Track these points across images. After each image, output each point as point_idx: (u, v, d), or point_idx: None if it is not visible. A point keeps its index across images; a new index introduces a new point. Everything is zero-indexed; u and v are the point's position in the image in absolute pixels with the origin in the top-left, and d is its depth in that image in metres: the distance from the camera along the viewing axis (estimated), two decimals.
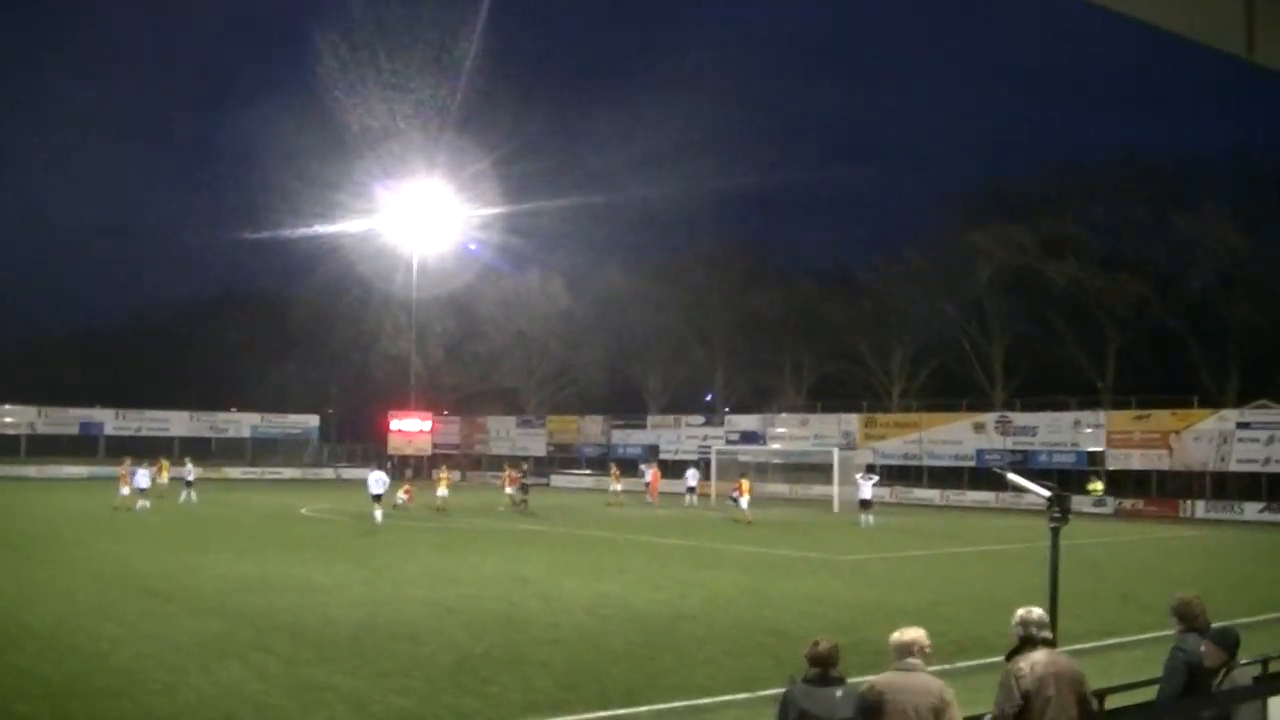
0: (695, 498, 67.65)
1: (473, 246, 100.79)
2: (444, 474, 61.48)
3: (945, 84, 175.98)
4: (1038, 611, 9.35)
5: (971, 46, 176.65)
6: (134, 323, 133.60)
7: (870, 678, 9.02)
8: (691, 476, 67.52)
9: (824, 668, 8.79)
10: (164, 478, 65.59)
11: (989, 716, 9.24)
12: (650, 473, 70.28)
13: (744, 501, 55.54)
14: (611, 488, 68.41)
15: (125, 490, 55.49)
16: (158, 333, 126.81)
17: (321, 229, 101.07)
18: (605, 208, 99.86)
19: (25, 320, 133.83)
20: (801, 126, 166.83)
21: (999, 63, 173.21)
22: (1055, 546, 10.89)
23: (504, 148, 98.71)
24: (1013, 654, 9.24)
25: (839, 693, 8.74)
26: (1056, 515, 10.73)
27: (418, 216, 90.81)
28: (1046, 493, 10.89)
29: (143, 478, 51.85)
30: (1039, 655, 9.10)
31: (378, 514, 48.68)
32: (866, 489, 51.70)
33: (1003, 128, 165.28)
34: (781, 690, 9.20)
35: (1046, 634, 9.28)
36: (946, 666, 18.40)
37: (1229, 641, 10.77)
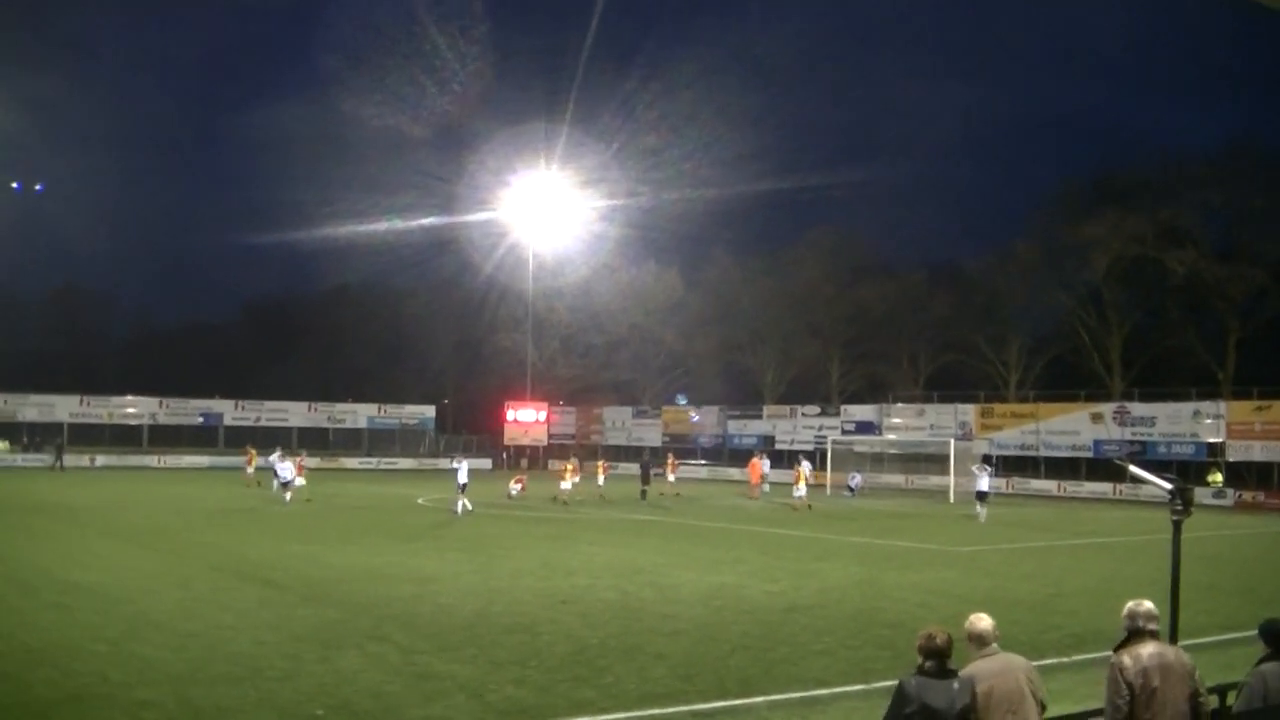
0: (772, 486, 65.98)
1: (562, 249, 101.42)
2: (569, 465, 61.53)
3: (1054, 74, 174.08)
4: (1147, 604, 9.31)
5: (1081, 35, 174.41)
6: (252, 316, 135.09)
7: (966, 669, 8.98)
8: (806, 467, 66.22)
9: (940, 659, 8.76)
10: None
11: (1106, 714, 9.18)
12: (756, 464, 69.04)
13: (800, 490, 56.06)
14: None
15: (250, 470, 57.69)
16: (276, 326, 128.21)
17: (438, 221, 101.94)
18: (718, 200, 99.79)
19: (148, 315, 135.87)
20: (912, 120, 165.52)
21: (1109, 52, 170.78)
22: (1177, 540, 10.72)
23: (621, 140, 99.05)
24: (1120, 646, 9.21)
25: (955, 684, 8.71)
26: (1179, 508, 10.55)
27: (535, 209, 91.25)
28: (1168, 485, 10.72)
29: (286, 470, 51.63)
30: (1147, 648, 9.07)
31: (459, 504, 48.68)
32: (984, 480, 50.97)
33: (1114, 117, 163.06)
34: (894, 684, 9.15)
35: (1154, 626, 9.24)
36: (1064, 660, 18.37)
37: None
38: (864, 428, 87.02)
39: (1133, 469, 12.27)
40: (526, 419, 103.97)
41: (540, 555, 33.59)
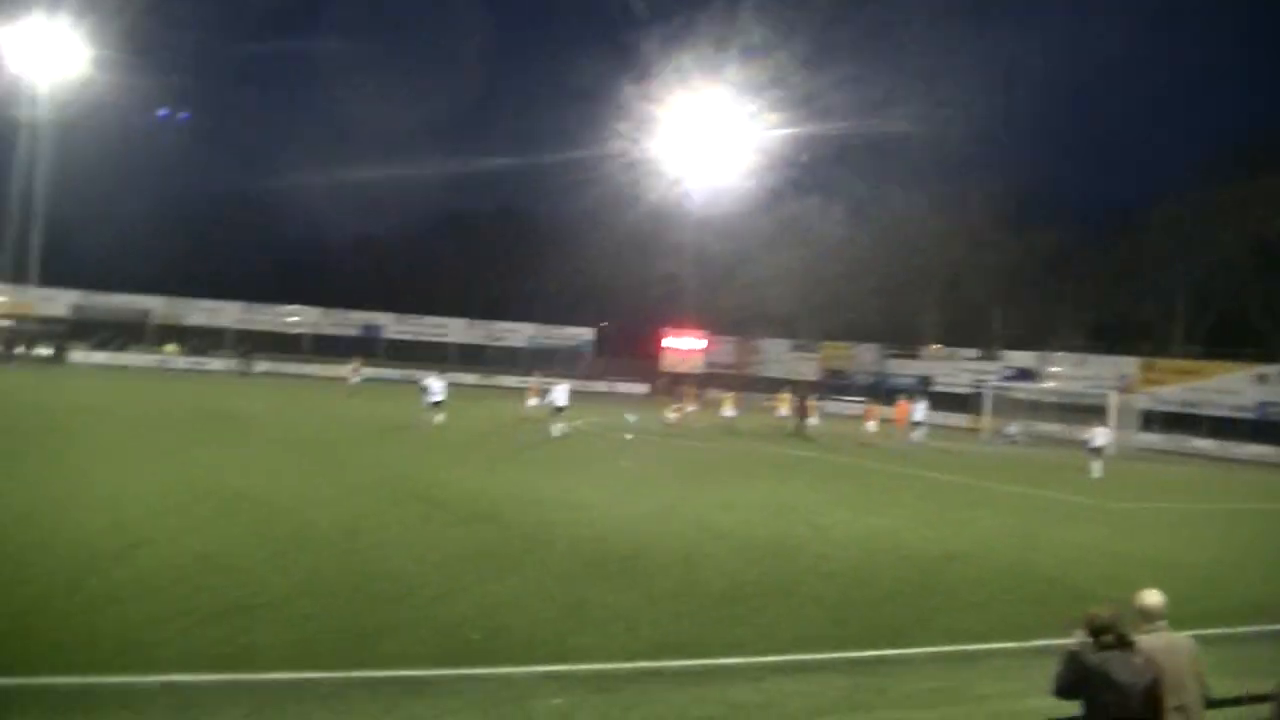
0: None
1: (688, 193, 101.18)
2: (731, 395, 61.94)
3: (1238, 17, 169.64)
4: None
5: None
6: (417, 232, 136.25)
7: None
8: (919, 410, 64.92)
9: (1118, 632, 8.78)
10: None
11: None
12: (896, 406, 68.20)
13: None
14: (351, 379, 66.79)
15: (355, 379, 63.77)
16: (440, 244, 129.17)
17: (603, 147, 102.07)
18: (885, 137, 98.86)
19: (312, 225, 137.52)
20: (1091, 62, 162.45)
21: None
22: None
23: (790, 71, 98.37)
24: None
25: (1138, 658, 8.74)
26: None
27: (701, 137, 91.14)
28: None
29: (437, 389, 50.81)
30: None
31: (556, 428, 48.58)
32: (1101, 436, 49.86)
33: None
34: (1050, 644, 9.19)
35: None
36: (1219, 631, 18.09)
37: None
38: (1023, 375, 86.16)
39: None
40: (684, 347, 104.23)
41: (696, 487, 33.65)
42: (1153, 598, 9.24)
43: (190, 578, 16.99)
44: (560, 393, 50.02)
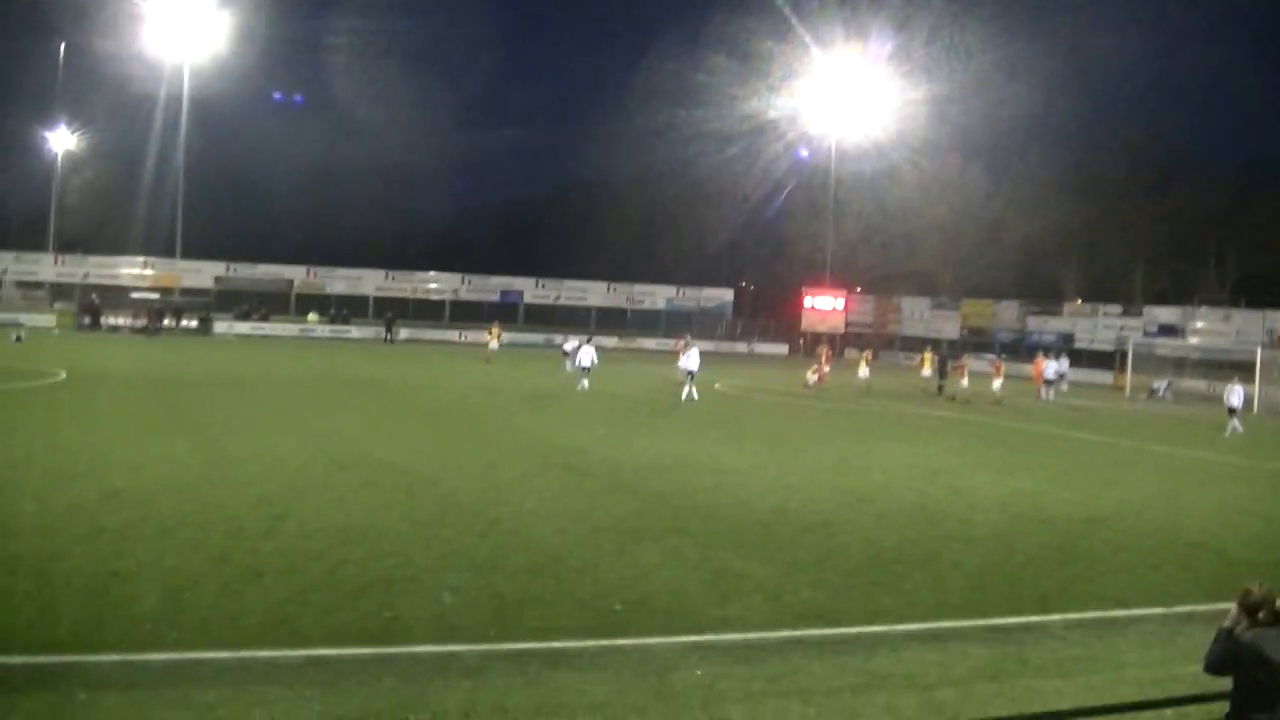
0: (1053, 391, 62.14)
1: (804, 153, 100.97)
2: (866, 354, 61.94)
3: None
4: None
5: None
6: (558, 198, 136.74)
7: None
8: (1054, 368, 63.81)
9: (1274, 610, 8.64)
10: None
11: None
12: (1040, 362, 67.11)
13: (863, 371, 58.21)
14: (490, 345, 68.11)
15: (494, 345, 64.53)
16: (580, 208, 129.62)
17: (744, 107, 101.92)
18: (1027, 96, 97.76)
19: (452, 194, 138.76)
20: (1227, 16, 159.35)
21: None
22: None
23: (931, 30, 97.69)
24: None
25: None
26: None
27: (840, 96, 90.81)
28: None
29: (586, 354, 50.97)
30: None
31: (686, 391, 47.83)
32: (1237, 396, 48.69)
33: None
34: (1196, 609, 9.07)
35: None
36: None
37: None
38: (1167, 330, 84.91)
39: None
40: (824, 306, 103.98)
41: (836, 450, 33.67)
42: None
43: (334, 551, 17.20)
44: (691, 357, 49.41)
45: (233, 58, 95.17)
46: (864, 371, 59.00)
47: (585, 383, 49.41)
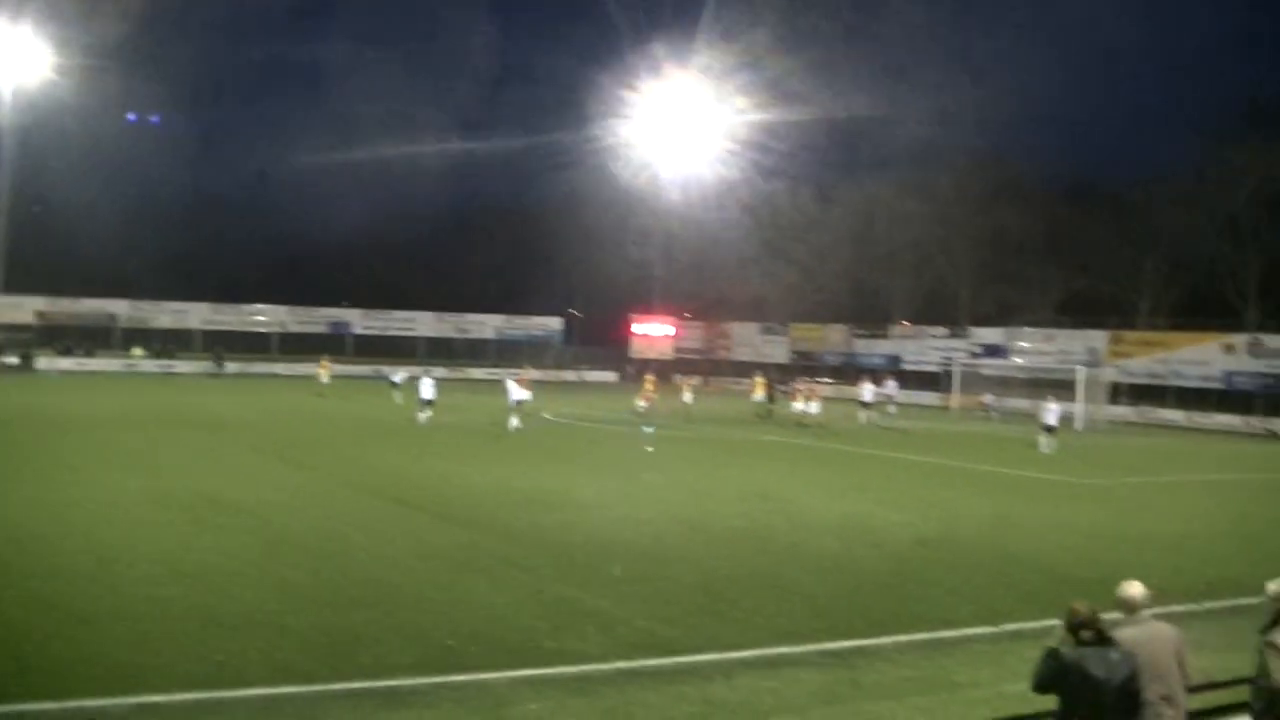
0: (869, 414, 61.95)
1: (631, 179, 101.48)
2: (689, 381, 62.24)
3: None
4: None
5: None
6: (383, 229, 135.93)
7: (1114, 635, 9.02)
8: (887, 388, 64.27)
9: (1096, 628, 8.78)
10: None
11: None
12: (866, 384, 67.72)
13: (812, 406, 56.61)
14: (321, 378, 68.02)
15: (324, 378, 64.50)
16: (406, 236, 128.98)
17: (569, 135, 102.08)
18: (852, 119, 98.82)
19: (278, 224, 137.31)
20: (1051, 38, 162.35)
21: None
22: None
23: (755, 55, 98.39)
24: (1269, 627, 9.17)
25: (1115, 654, 8.74)
26: None
27: (668, 123, 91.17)
28: None
29: (426, 387, 49.80)
30: None
31: (513, 421, 47.39)
32: (1053, 415, 49.80)
33: (1263, 40, 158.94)
34: (1024, 627, 9.19)
35: None
36: (1195, 607, 18.22)
37: None
38: (992, 351, 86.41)
39: None
40: (653, 333, 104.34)
41: (668, 476, 33.79)
42: (1134, 589, 9.26)
43: (164, 592, 16.90)
44: (518, 388, 49.27)
45: (58, 85, 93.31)
46: (687, 397, 59.22)
47: (427, 414, 48.58)
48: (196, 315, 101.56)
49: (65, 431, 41.01)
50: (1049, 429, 48.32)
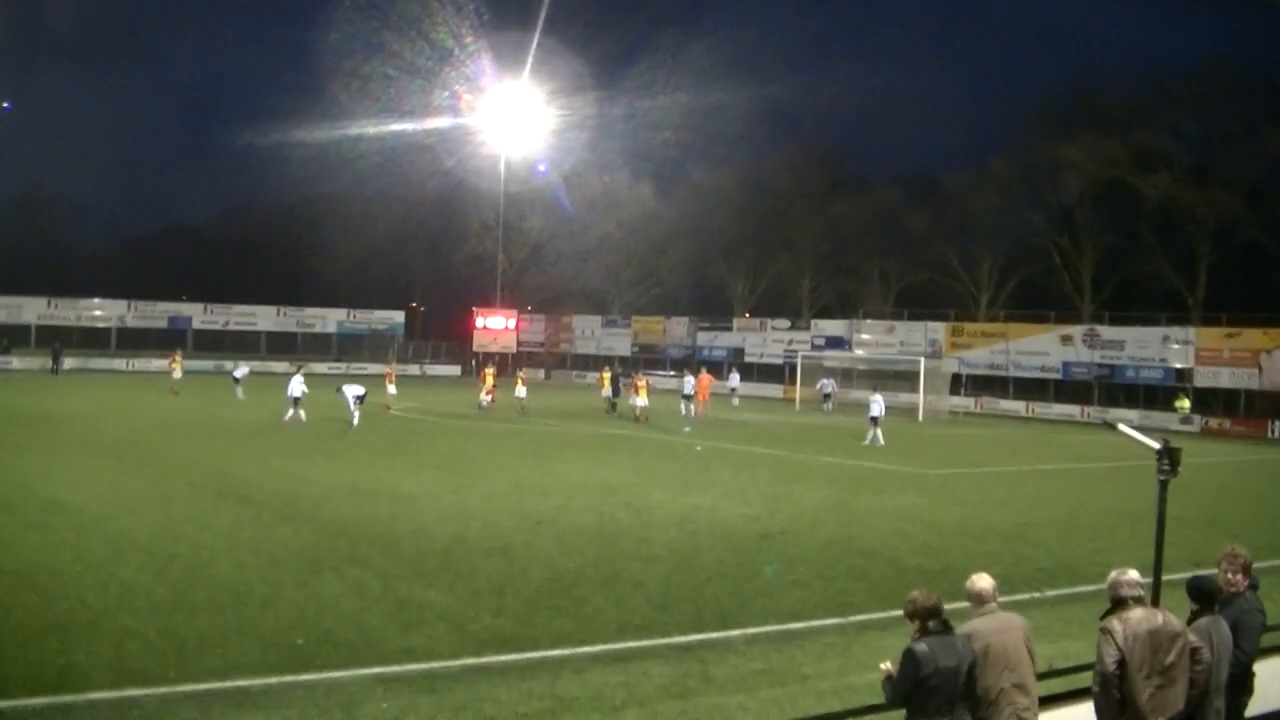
0: (692, 406, 61.59)
1: (542, 168, 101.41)
2: (522, 374, 62.32)
3: None
4: (1131, 573, 9.43)
5: None
6: (222, 222, 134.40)
7: (964, 627, 9.10)
8: (730, 380, 64.31)
9: (940, 616, 8.82)
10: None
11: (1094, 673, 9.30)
12: (699, 378, 67.98)
13: (520, 390, 59.02)
14: (173, 374, 66.73)
15: (176, 374, 63.37)
16: (246, 232, 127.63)
17: (409, 127, 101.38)
18: (692, 112, 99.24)
19: (116, 216, 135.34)
20: (885, 31, 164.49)
21: None
22: (1163, 500, 10.72)
23: (593, 48, 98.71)
24: (1107, 614, 9.33)
25: (959, 641, 8.80)
26: (1165, 468, 10.56)
27: (507, 115, 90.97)
28: (1156, 445, 10.76)
29: (297, 385, 48.00)
30: (1135, 613, 9.19)
31: (355, 418, 46.90)
32: (877, 406, 50.23)
33: (1094, 29, 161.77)
34: (870, 619, 9.19)
35: (1139, 593, 9.34)
36: (1035, 595, 18.58)
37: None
38: (834, 343, 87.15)
39: (1122, 428, 12.28)
40: (496, 326, 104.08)
41: (514, 473, 33.64)
42: (984, 582, 9.37)
43: (2, 597, 16.61)
44: (355, 387, 48.65)
45: None
46: (520, 391, 59.13)
47: (300, 414, 47.17)
48: (32, 310, 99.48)
49: None
50: (874, 420, 48.85)
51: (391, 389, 56.37)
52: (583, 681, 13.87)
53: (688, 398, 60.64)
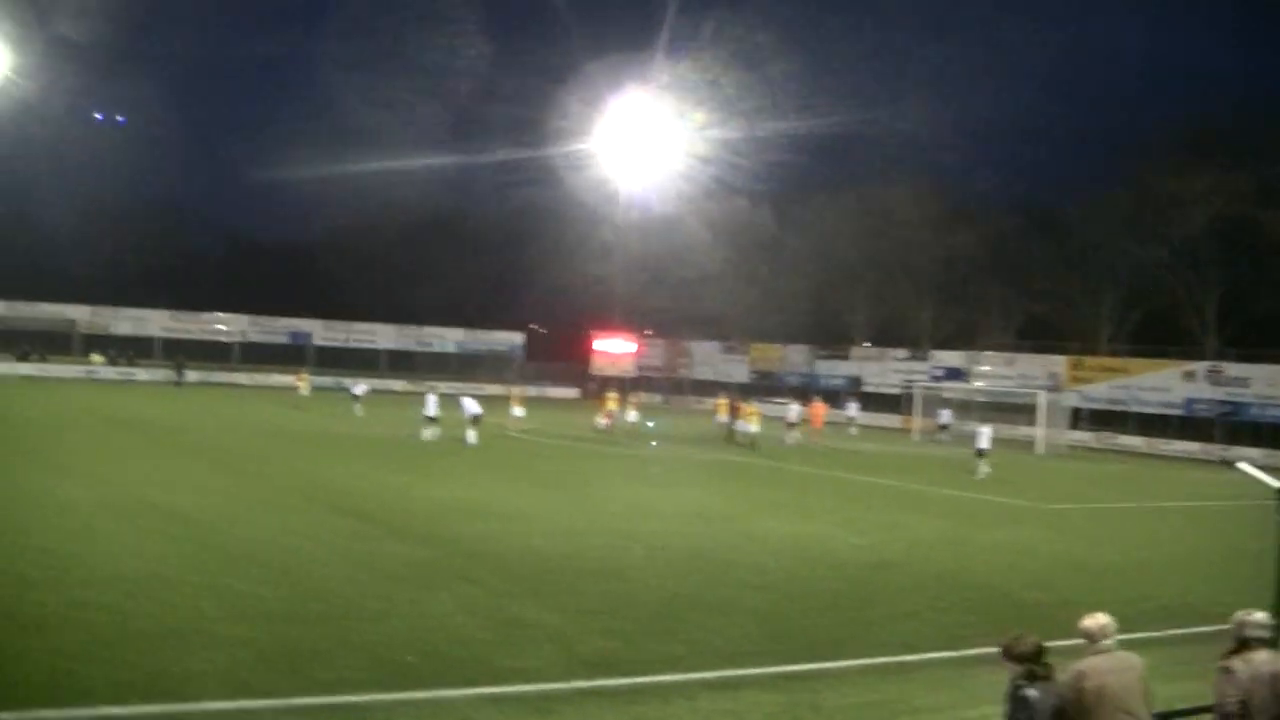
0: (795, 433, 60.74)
1: (649, 191, 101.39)
2: (633, 399, 62.69)
3: (1159, 15, 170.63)
4: (1258, 614, 9.28)
5: None
6: (344, 240, 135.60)
7: (1078, 665, 8.98)
8: (848, 409, 63.99)
9: (1044, 660, 8.72)
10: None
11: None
12: (812, 406, 67.59)
13: (631, 415, 59.74)
14: (300, 389, 67.84)
15: (304, 389, 63.17)
16: (368, 250, 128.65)
17: (529, 151, 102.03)
18: (814, 137, 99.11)
19: (239, 231, 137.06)
20: (1007, 62, 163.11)
21: None
22: None
23: (716, 74, 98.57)
24: (1229, 654, 9.17)
25: (1053, 685, 8.70)
26: None
27: (627, 140, 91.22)
28: (1277, 485, 10.58)
29: (432, 404, 48.81)
30: (1260, 654, 9.04)
31: (471, 436, 47.00)
32: (984, 438, 49.79)
33: (1220, 63, 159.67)
34: (984, 653, 9.03)
35: (1265, 634, 9.18)
36: (1154, 634, 18.14)
37: None
38: (952, 374, 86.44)
39: (1242, 466, 12.08)
40: (615, 350, 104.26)
41: (627, 495, 33.75)
42: (1099, 619, 9.24)
43: (121, 603, 16.68)
44: (473, 404, 48.56)
45: (20, 84, 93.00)
46: (632, 415, 59.27)
47: (431, 432, 47.77)
48: (156, 322, 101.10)
49: (25, 438, 40.78)
50: (981, 452, 48.22)
51: (518, 411, 56.70)
52: (693, 708, 13.76)
53: (791, 425, 60.32)
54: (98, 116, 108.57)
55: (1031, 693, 8.53)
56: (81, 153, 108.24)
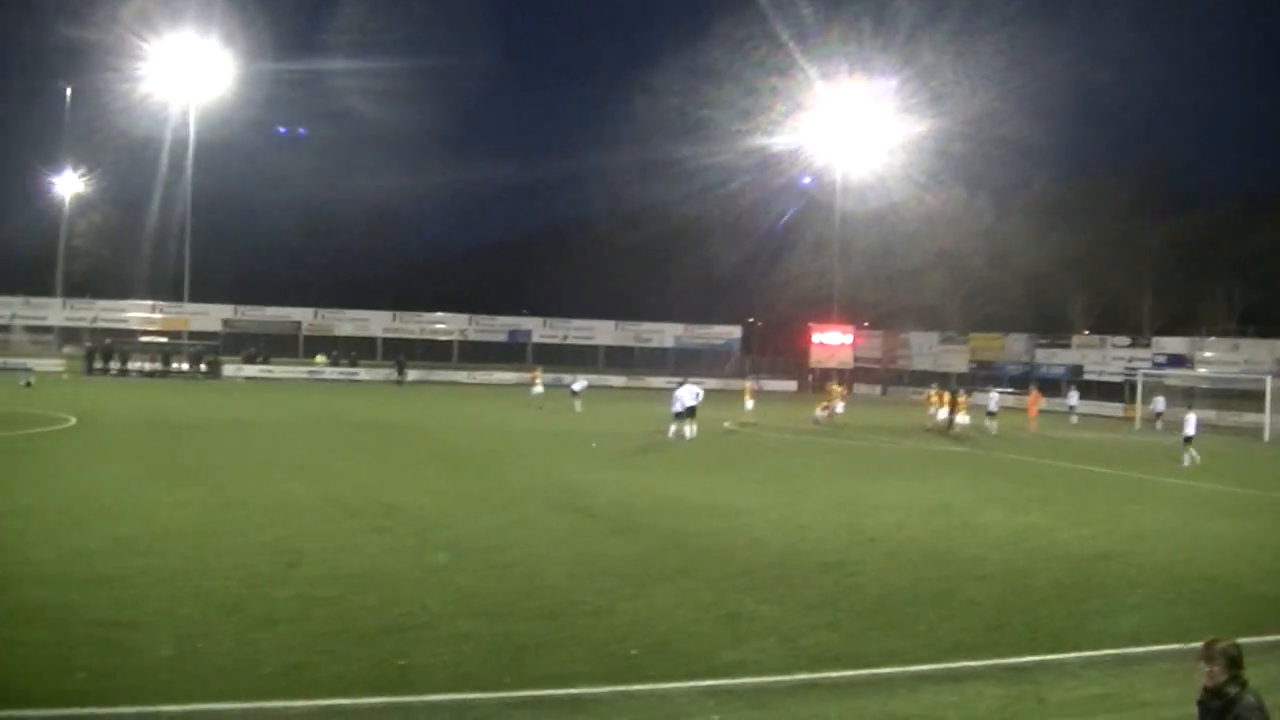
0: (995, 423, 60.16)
1: (808, 180, 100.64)
2: (841, 389, 62.78)
3: None
4: None
5: None
6: (560, 237, 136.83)
7: None
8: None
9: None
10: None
11: None
12: (1030, 396, 66.84)
13: (839, 405, 59.50)
14: (535, 389, 66.41)
15: (538, 389, 63.15)
16: (583, 247, 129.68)
17: (745, 144, 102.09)
18: (1030, 125, 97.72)
19: (454, 232, 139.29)
20: (1229, 48, 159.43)
21: None
22: None
23: (932, 63, 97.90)
24: None
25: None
26: None
27: (843, 132, 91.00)
28: None
29: (690, 396, 47.60)
30: None
31: (672, 429, 46.78)
32: (1191, 425, 48.05)
33: None
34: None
35: None
36: None
37: None
38: (1175, 361, 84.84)
39: None
40: (832, 341, 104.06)
41: (847, 488, 33.60)
42: None
43: (346, 598, 17.09)
44: (688, 394, 48.03)
45: (236, 97, 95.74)
46: (839, 407, 59.19)
47: (689, 429, 47.18)
48: (378, 323, 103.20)
49: (251, 437, 42.00)
50: (1187, 439, 47.11)
51: (749, 403, 57.03)
52: (915, 700, 13.67)
53: (991, 414, 59.74)
54: (281, 130, 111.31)
55: (1252, 699, 8.32)
56: (296, 162, 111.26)
